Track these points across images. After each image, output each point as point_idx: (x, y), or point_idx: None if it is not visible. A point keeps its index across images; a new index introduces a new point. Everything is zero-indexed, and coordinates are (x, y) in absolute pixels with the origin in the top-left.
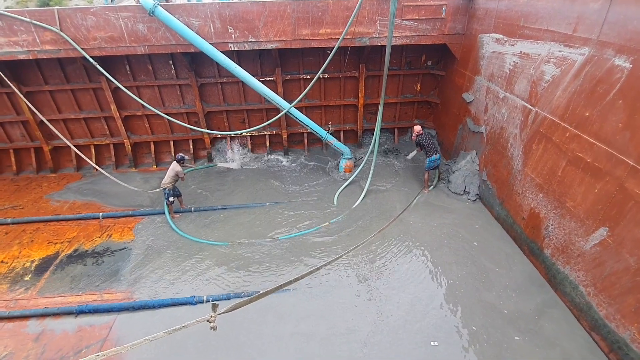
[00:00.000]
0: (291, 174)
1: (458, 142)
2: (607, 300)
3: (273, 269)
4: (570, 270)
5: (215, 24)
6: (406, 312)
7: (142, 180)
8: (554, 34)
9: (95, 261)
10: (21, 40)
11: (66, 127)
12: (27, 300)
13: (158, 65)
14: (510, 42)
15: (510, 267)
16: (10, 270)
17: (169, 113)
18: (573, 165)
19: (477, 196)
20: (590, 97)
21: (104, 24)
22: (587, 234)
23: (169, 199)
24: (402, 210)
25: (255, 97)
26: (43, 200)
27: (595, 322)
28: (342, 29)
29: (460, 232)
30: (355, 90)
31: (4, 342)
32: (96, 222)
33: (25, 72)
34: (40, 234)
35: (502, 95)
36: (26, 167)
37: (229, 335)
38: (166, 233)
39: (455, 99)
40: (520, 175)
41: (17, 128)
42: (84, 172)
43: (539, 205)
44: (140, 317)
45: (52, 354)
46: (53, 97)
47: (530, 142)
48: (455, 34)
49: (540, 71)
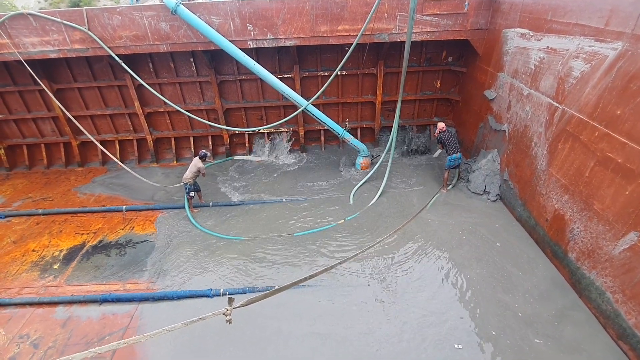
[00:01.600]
0: (307, 171)
1: (479, 141)
2: (637, 309)
3: (288, 265)
4: (597, 275)
5: (235, 22)
6: (425, 314)
7: (162, 175)
8: (584, 28)
9: (119, 252)
10: (53, 40)
11: (93, 123)
12: (56, 288)
13: (179, 63)
14: (536, 37)
15: (533, 270)
16: (41, 259)
17: (189, 110)
18: (602, 165)
19: (497, 196)
20: (623, 95)
21: (129, 23)
22: (616, 238)
23: (190, 193)
24: (420, 209)
25: (273, 94)
26: (71, 192)
27: (624, 331)
28: (361, 25)
29: (480, 232)
30: (373, 87)
31: (35, 326)
32: (120, 215)
33: (56, 70)
34: (68, 225)
35: (527, 92)
36: (56, 161)
37: (245, 330)
38: (186, 227)
39: (477, 96)
40: (545, 175)
41: (48, 124)
42: (109, 166)
43: (564, 207)
44: (161, 308)
45: (77, 339)
46: (81, 94)
47: (556, 141)
48: (478, 29)
49: (568, 67)
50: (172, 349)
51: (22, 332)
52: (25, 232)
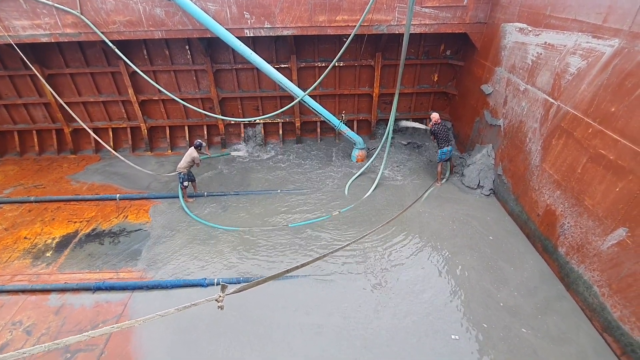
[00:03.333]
0: (303, 162)
1: (474, 135)
2: (622, 302)
3: (283, 255)
4: (585, 269)
5: (232, 9)
6: (420, 303)
7: (157, 164)
8: (581, 24)
9: (112, 241)
10: (44, 23)
11: (86, 109)
12: (49, 275)
13: (175, 50)
14: (534, 32)
15: (522, 264)
16: (33, 246)
17: (184, 98)
18: (594, 162)
19: (491, 191)
20: (618, 92)
21: (122, 8)
22: (605, 234)
23: (184, 183)
24: (413, 201)
25: (269, 84)
26: (64, 180)
27: (609, 324)
28: (360, 16)
29: (472, 226)
30: (370, 80)
31: (27, 313)
32: (113, 203)
33: (48, 55)
34: (61, 213)
35: (523, 87)
36: (48, 148)
37: (239, 320)
38: (180, 216)
39: (474, 91)
40: (538, 170)
41: (39, 110)
42: (103, 154)
43: (555, 202)
44: (154, 296)
45: (71, 326)
46: (74, 80)
47: (550, 137)
48: (477, 22)
49: (565, 63)
50: (166, 340)
51: (15, 319)
52: (17, 219)
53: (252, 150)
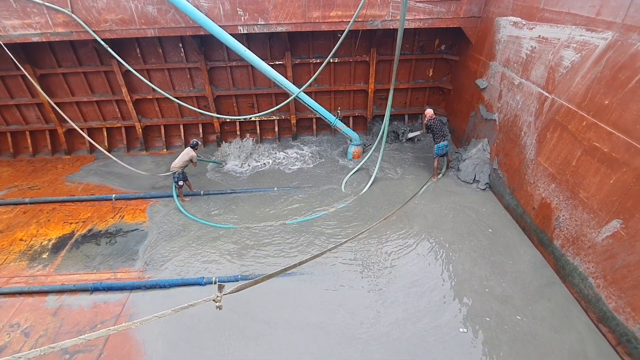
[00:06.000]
0: (299, 160)
1: (470, 130)
2: (617, 293)
3: (281, 253)
4: (580, 261)
5: (225, 6)
6: (418, 298)
7: (152, 164)
8: (575, 17)
9: (109, 241)
10: (34, 23)
11: (79, 109)
12: (45, 277)
13: (168, 48)
14: (528, 26)
15: (518, 256)
16: (29, 248)
17: (179, 97)
18: (589, 155)
19: (487, 185)
20: (611, 85)
21: (114, 6)
22: (599, 226)
23: (178, 182)
24: (410, 197)
25: (264, 81)
26: (59, 181)
27: (604, 314)
28: (354, 12)
29: (468, 220)
30: (365, 75)
31: (25, 315)
32: (109, 204)
33: (39, 54)
34: (57, 214)
35: (518, 81)
36: (42, 148)
37: (239, 320)
38: (176, 216)
39: (469, 85)
40: (533, 164)
41: (32, 110)
42: (97, 154)
43: (550, 196)
44: (152, 296)
45: (69, 327)
46: (66, 80)
47: (545, 131)
48: (471, 17)
49: (559, 57)
50: (166, 338)
51: (12, 321)
52: (12, 221)
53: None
